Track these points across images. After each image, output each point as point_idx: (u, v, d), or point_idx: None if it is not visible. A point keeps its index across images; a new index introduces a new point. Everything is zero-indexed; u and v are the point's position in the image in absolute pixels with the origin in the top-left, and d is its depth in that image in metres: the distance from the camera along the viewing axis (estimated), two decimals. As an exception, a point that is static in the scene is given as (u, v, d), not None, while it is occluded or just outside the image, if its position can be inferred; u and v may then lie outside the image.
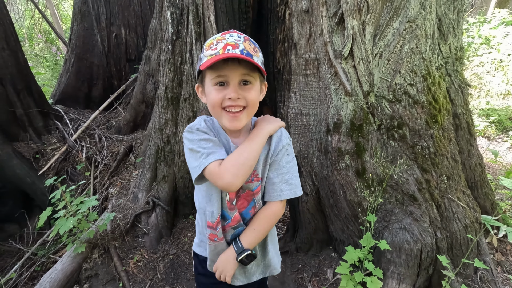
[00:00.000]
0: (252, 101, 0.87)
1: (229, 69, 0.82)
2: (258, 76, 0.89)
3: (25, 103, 2.84)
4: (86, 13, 3.50)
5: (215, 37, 0.86)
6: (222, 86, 0.85)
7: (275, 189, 0.98)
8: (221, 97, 0.84)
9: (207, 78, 0.87)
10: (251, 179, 0.97)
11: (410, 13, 1.60)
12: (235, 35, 0.84)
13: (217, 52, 0.79)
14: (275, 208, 1.01)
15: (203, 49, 0.88)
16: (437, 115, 1.75)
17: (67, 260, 1.76)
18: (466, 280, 1.73)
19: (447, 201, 1.74)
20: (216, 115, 0.90)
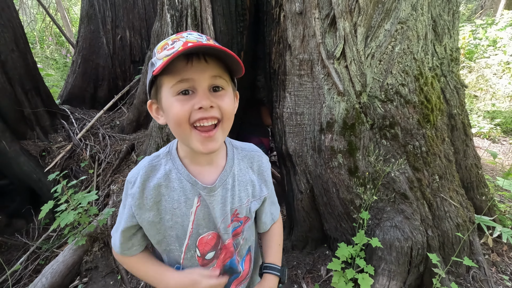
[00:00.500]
0: (228, 111, 0.69)
1: (195, 71, 0.63)
2: (230, 81, 0.72)
3: (33, 103, 2.94)
4: (93, 16, 3.62)
5: (169, 37, 0.68)
6: (187, 95, 0.65)
7: (268, 218, 0.95)
8: (187, 109, 0.64)
9: (164, 88, 0.66)
10: (231, 219, 0.82)
11: (401, 15, 1.63)
12: (195, 34, 0.68)
13: (175, 51, 0.60)
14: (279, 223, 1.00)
15: (154, 53, 0.68)
16: (430, 115, 1.77)
17: (68, 253, 1.84)
18: (458, 279, 1.74)
19: (439, 200, 1.75)
20: (182, 137, 0.69)
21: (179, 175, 0.75)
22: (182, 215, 0.76)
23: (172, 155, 0.78)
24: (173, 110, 0.65)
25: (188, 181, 0.75)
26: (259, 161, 0.88)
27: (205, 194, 0.76)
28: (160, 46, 0.67)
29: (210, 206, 0.77)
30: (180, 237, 0.78)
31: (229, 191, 0.80)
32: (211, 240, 0.80)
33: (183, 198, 0.75)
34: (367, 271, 1.62)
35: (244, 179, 0.84)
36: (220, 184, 0.78)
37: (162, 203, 0.75)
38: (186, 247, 0.79)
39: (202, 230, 0.79)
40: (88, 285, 1.82)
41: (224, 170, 0.79)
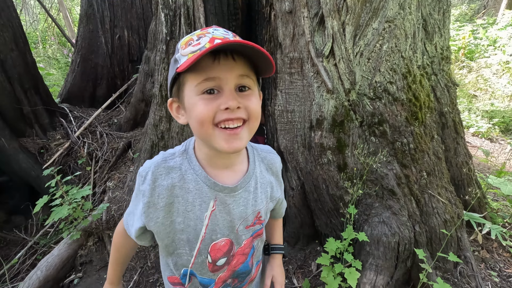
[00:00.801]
0: (255, 111, 0.65)
1: (221, 69, 0.60)
2: (256, 80, 0.68)
3: (32, 101, 2.99)
4: (92, 16, 3.67)
5: (193, 33, 0.65)
6: (212, 95, 0.61)
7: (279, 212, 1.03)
8: (212, 108, 0.61)
9: (187, 86, 0.63)
10: (253, 222, 0.80)
11: (389, 14, 1.66)
12: (221, 30, 0.64)
13: (202, 47, 0.58)
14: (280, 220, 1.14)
15: (178, 49, 0.65)
16: (418, 112, 1.79)
17: (63, 247, 1.88)
18: (445, 274, 1.76)
19: (427, 196, 1.78)
20: (205, 137, 0.64)
21: (196, 176, 0.71)
22: (195, 218, 0.72)
23: (188, 155, 0.73)
24: (197, 109, 0.61)
25: (205, 183, 0.71)
26: (276, 163, 0.88)
27: (225, 194, 0.72)
28: (184, 41, 0.63)
29: (228, 208, 0.73)
30: (191, 241, 0.74)
31: (252, 193, 0.77)
32: (224, 247, 0.77)
33: (198, 200, 0.71)
34: (354, 266, 1.65)
35: (265, 181, 0.82)
36: (242, 185, 0.75)
37: (174, 204, 0.71)
38: (197, 252, 0.75)
39: (216, 236, 0.75)
40: (82, 278, 1.86)
41: (248, 173, 0.77)
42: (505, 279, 1.86)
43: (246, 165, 0.78)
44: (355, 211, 1.66)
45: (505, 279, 1.86)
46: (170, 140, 2.31)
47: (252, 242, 0.84)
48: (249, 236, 0.81)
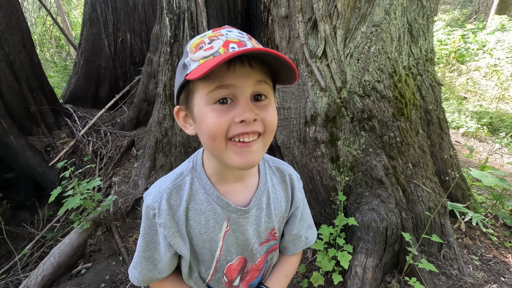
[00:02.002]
0: (272, 124, 0.58)
1: (237, 76, 0.52)
2: (272, 87, 0.61)
3: (38, 101, 3.11)
4: (95, 19, 3.80)
5: (204, 34, 0.58)
6: (225, 105, 0.55)
7: (301, 240, 0.84)
8: (225, 121, 0.54)
9: (197, 94, 0.56)
10: (266, 239, 0.76)
11: (376, 19, 1.82)
12: (235, 31, 0.58)
13: (216, 52, 0.52)
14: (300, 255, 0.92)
15: (186, 52, 0.58)
16: (404, 109, 1.95)
17: (74, 236, 1.99)
18: (430, 258, 1.91)
19: (413, 186, 1.93)
20: (217, 152, 0.58)
21: (207, 196, 0.66)
22: (209, 240, 0.68)
23: (197, 172, 0.68)
24: (208, 122, 0.54)
25: (218, 203, 0.66)
26: (291, 177, 0.80)
27: (238, 216, 0.68)
28: (194, 44, 0.56)
29: (242, 228, 0.70)
30: (206, 262, 0.72)
31: (264, 210, 0.72)
32: (238, 266, 0.75)
33: (212, 222, 0.67)
34: (346, 250, 1.79)
35: (278, 195, 0.76)
36: (255, 204, 0.70)
37: (188, 228, 0.67)
38: (213, 271, 0.73)
39: (231, 256, 0.72)
40: (92, 265, 1.98)
41: (258, 189, 0.71)
42: (485, 262, 2.01)
43: (257, 178, 0.73)
44: (344, 198, 1.81)
45: (485, 263, 2.01)
46: (173, 137, 2.44)
47: (266, 257, 0.81)
48: (263, 252, 0.78)
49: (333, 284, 1.84)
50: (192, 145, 2.42)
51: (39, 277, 1.77)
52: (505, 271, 1.96)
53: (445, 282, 1.82)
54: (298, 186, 0.81)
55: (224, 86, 0.53)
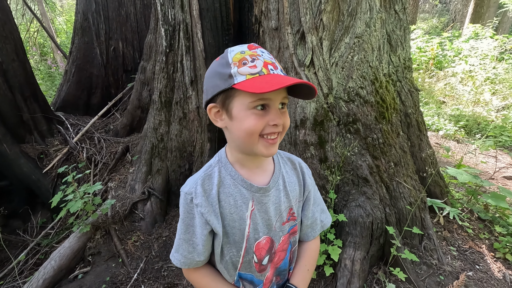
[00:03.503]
0: (287, 126, 0.77)
1: (274, 94, 0.71)
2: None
3: (31, 109, 3.14)
4: (87, 28, 3.86)
5: (242, 50, 0.72)
6: (262, 110, 0.72)
7: (317, 223, 0.96)
8: (263, 123, 0.71)
9: (239, 99, 0.71)
10: (287, 218, 0.88)
11: (358, 31, 2.00)
12: (266, 52, 0.74)
13: (260, 72, 0.68)
14: (318, 241, 0.99)
15: (228, 63, 0.70)
16: (385, 113, 2.13)
17: (73, 239, 2.04)
18: (412, 249, 2.07)
19: (395, 183, 2.10)
20: (250, 144, 0.74)
21: (233, 180, 0.80)
22: (239, 219, 0.80)
23: (223, 163, 0.82)
24: (250, 122, 0.71)
25: (243, 185, 0.80)
26: (300, 164, 0.95)
27: (260, 195, 0.81)
28: (237, 59, 0.69)
29: (265, 206, 0.82)
30: (237, 242, 0.81)
31: (282, 191, 0.86)
32: (266, 245, 0.84)
33: (239, 202, 0.80)
34: (336, 244, 1.93)
35: (292, 180, 0.90)
36: (273, 185, 0.84)
37: (220, 209, 0.79)
38: (244, 251, 0.82)
39: (258, 234, 0.83)
40: (92, 268, 2.03)
41: (275, 173, 0.86)
42: (462, 253, 2.19)
43: (273, 166, 0.88)
44: (335, 196, 1.95)
45: (462, 253, 2.19)
46: (169, 142, 2.53)
47: (289, 239, 0.90)
48: (286, 232, 0.88)
49: (325, 277, 1.96)
50: (188, 149, 2.52)
51: (40, 280, 1.81)
52: (480, 260, 2.14)
53: (426, 271, 1.98)
54: (307, 173, 0.95)
55: (264, 99, 0.71)
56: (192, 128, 2.45)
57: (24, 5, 9.88)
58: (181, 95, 2.40)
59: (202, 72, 2.30)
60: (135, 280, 1.97)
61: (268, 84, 0.65)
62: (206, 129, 2.45)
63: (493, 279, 1.99)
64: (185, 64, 2.29)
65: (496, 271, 2.06)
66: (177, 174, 2.54)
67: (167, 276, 2.03)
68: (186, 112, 2.42)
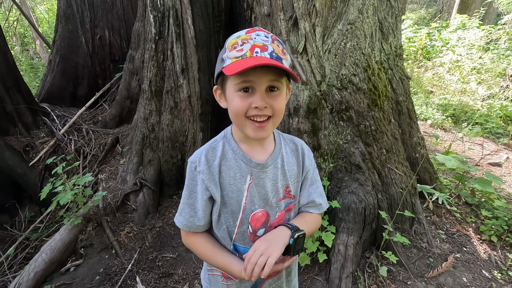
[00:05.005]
0: (279, 110, 0.78)
1: (257, 75, 0.72)
2: (285, 81, 0.79)
3: (14, 100, 3.01)
4: (71, 16, 3.71)
5: (239, 35, 0.75)
6: (247, 93, 0.75)
7: (315, 204, 0.97)
8: (246, 105, 0.75)
9: (229, 82, 0.77)
10: (283, 195, 0.91)
11: (350, 17, 1.99)
12: (262, 34, 0.74)
13: (244, 55, 0.71)
14: (319, 217, 1.01)
15: (225, 48, 0.76)
16: (377, 100, 2.14)
17: (64, 232, 2.00)
18: (403, 233, 2.12)
19: (387, 170, 2.13)
20: (239, 124, 0.80)
21: (235, 155, 0.86)
22: (237, 190, 0.85)
23: (227, 139, 0.88)
24: (234, 103, 0.76)
25: (242, 160, 0.85)
26: (302, 147, 0.97)
27: (258, 170, 0.86)
28: (231, 43, 0.74)
29: (262, 181, 0.86)
30: (234, 212, 0.86)
31: (279, 169, 0.89)
32: (262, 217, 0.88)
33: (238, 175, 0.85)
34: (329, 230, 1.95)
35: (291, 160, 0.93)
36: (271, 162, 0.88)
37: (220, 180, 0.84)
38: (240, 221, 0.87)
39: (254, 206, 0.87)
40: (84, 260, 2.00)
41: (274, 152, 0.89)
42: (450, 236, 2.26)
43: (273, 145, 0.92)
44: (328, 183, 1.96)
45: (450, 236, 2.26)
46: (160, 132, 2.49)
47: (285, 216, 0.93)
48: (282, 209, 0.91)
49: (318, 263, 2.00)
50: (180, 139, 2.49)
51: (31, 273, 1.78)
52: (467, 243, 2.22)
53: (416, 254, 2.04)
54: (308, 155, 0.98)
55: (247, 81, 0.73)
56: (184, 117, 2.41)
57: (2, -8, 9.41)
58: (172, 84, 2.35)
59: (193, 60, 2.26)
60: (130, 271, 1.95)
61: (241, 66, 0.67)
62: (198, 119, 2.42)
63: (479, 260, 2.07)
64: (176, 52, 2.23)
65: (482, 252, 2.13)
66: (170, 165, 2.51)
67: (161, 266, 2.02)
68: (177, 101, 2.38)
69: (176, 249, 2.15)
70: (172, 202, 2.54)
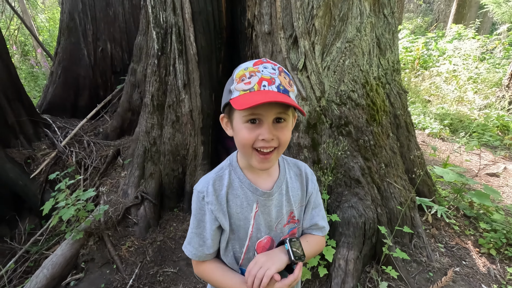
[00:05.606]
0: (285, 141, 0.79)
1: (264, 108, 0.73)
2: (291, 112, 0.80)
3: (16, 112, 3.04)
4: (73, 29, 3.76)
5: (246, 66, 0.77)
6: (254, 124, 0.76)
7: (319, 227, 1.00)
8: (253, 137, 0.76)
9: (237, 112, 0.78)
10: (287, 221, 0.93)
11: (349, 35, 2.04)
12: (269, 67, 0.76)
13: (251, 88, 0.72)
14: (322, 239, 1.02)
15: (232, 79, 0.78)
16: (375, 115, 2.18)
17: (66, 247, 2.00)
18: (403, 248, 2.13)
19: (386, 184, 2.16)
20: (245, 154, 0.82)
21: (241, 183, 0.87)
22: (244, 218, 0.87)
23: (233, 166, 0.90)
24: (242, 134, 0.77)
25: (249, 189, 0.87)
26: (306, 171, 0.99)
27: (264, 199, 0.87)
28: (238, 75, 0.75)
29: (268, 209, 0.88)
30: (241, 239, 0.88)
31: (284, 196, 0.91)
32: (267, 244, 0.91)
33: (245, 203, 0.87)
34: (330, 244, 1.97)
35: (295, 185, 0.95)
36: (276, 190, 0.89)
37: (228, 209, 0.86)
38: (246, 248, 0.89)
39: (260, 234, 0.89)
40: (85, 275, 2.00)
41: (279, 178, 0.91)
42: (450, 249, 2.28)
43: (278, 171, 0.94)
44: (328, 197, 1.99)
45: (449, 249, 2.28)
46: (162, 146, 2.52)
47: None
48: (286, 234, 0.94)
49: (319, 277, 2.00)
50: (181, 153, 2.51)
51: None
52: (466, 256, 2.24)
53: (416, 268, 2.05)
54: (312, 179, 0.99)
55: (255, 114, 0.74)
56: (185, 131, 2.44)
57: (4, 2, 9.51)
58: (174, 98, 2.38)
59: (195, 76, 2.30)
60: (131, 286, 1.95)
61: (249, 101, 0.69)
62: (199, 132, 2.45)
63: (479, 274, 2.08)
64: (178, 68, 2.28)
65: (481, 266, 2.15)
66: (171, 178, 2.53)
67: (162, 281, 2.02)
68: (179, 115, 2.41)
69: (177, 264, 2.16)
70: (172, 215, 2.55)
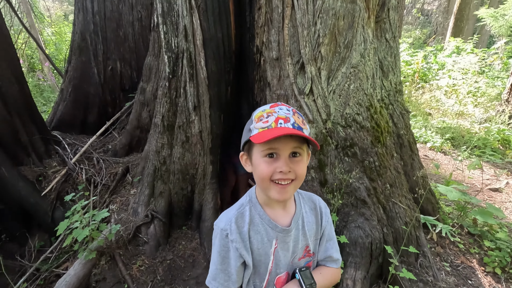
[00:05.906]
0: (301, 174, 0.85)
1: (281, 143, 0.81)
2: (306, 148, 0.88)
3: (29, 131, 3.12)
4: (84, 48, 3.90)
5: (264, 109, 0.86)
6: (272, 158, 0.83)
7: (334, 259, 1.05)
8: (271, 170, 0.82)
9: (255, 149, 0.86)
10: (303, 255, 0.98)
11: (353, 61, 2.13)
12: (284, 108, 0.85)
13: (269, 125, 0.80)
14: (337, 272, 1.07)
15: (251, 119, 0.87)
16: (380, 137, 2.25)
17: (78, 266, 2.05)
18: (409, 267, 2.17)
19: (391, 204, 2.21)
20: (264, 187, 0.87)
21: (261, 220, 0.93)
22: (264, 254, 0.92)
23: (253, 203, 0.95)
24: (260, 168, 0.84)
25: (269, 225, 0.92)
26: (320, 204, 1.05)
27: (283, 235, 0.93)
28: (257, 116, 0.85)
29: (286, 245, 0.94)
30: (261, 274, 0.94)
31: (300, 231, 0.97)
32: (285, 279, 0.97)
33: (266, 239, 0.92)
34: (338, 264, 2.00)
35: (310, 220, 1.01)
36: (294, 225, 0.95)
37: (250, 245, 0.91)
38: (266, 283, 0.95)
39: (279, 270, 0.95)
40: (97, 295, 2.03)
41: (296, 214, 0.97)
42: (455, 268, 2.31)
43: (294, 206, 0.99)
44: (337, 218, 2.04)
45: (455, 268, 2.30)
46: (171, 165, 2.58)
47: None
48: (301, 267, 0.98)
49: (327, 297, 2.03)
50: (190, 172, 2.58)
51: (47, 310, 1.81)
52: (472, 275, 2.26)
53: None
54: (325, 212, 1.05)
55: (273, 148, 0.83)
56: (195, 151, 2.51)
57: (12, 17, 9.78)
58: (184, 120, 2.46)
59: (205, 98, 2.38)
60: (142, 306, 1.99)
61: (268, 136, 0.77)
62: (208, 152, 2.52)
63: (485, 294, 2.11)
64: (189, 90, 2.37)
65: (487, 285, 2.18)
66: (180, 196, 2.58)
67: (173, 300, 2.06)
68: (188, 135, 2.49)
69: (187, 283, 2.19)
70: (181, 233, 2.60)
